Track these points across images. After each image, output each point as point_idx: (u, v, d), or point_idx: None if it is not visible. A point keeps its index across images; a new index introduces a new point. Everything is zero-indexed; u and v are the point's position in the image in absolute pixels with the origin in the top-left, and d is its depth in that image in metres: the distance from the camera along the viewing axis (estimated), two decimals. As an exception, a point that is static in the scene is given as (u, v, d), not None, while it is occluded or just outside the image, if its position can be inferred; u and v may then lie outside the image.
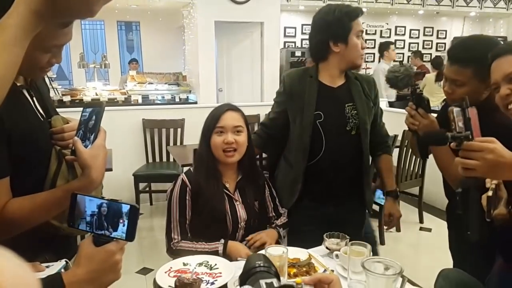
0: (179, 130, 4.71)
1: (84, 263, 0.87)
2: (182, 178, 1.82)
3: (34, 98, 1.16)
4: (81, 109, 1.14)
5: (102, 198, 0.88)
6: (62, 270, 1.08)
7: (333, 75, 1.97)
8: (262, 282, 0.70)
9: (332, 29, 1.88)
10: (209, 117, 1.83)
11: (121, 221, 0.86)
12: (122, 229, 0.86)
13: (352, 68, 2.00)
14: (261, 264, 0.79)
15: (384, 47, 6.37)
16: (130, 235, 0.86)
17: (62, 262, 1.10)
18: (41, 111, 1.17)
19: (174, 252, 1.76)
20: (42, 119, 1.16)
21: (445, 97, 1.66)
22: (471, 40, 1.60)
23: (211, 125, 1.79)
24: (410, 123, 1.64)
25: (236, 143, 1.77)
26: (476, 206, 1.22)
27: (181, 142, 4.69)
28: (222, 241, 1.73)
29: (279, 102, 2.08)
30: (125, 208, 0.86)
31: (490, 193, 1.23)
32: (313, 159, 1.95)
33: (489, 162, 1.11)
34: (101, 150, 1.09)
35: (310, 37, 2.01)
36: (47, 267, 1.07)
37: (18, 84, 1.11)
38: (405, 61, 10.01)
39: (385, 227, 2.20)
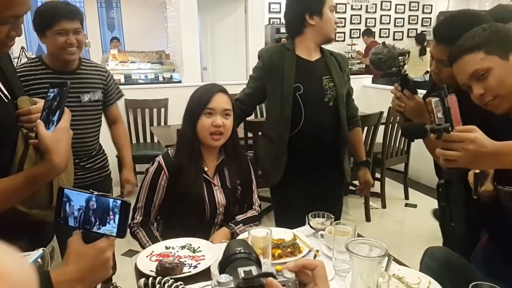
0: (162, 110, 4.62)
1: (74, 261, 0.83)
2: (159, 161, 1.77)
3: None
4: None
5: (91, 192, 0.84)
6: (39, 259, 1.04)
7: (310, 49, 2.05)
8: (240, 270, 0.66)
9: (307, 2, 1.98)
10: (197, 97, 1.76)
11: (111, 216, 0.82)
12: (112, 224, 0.82)
13: (326, 42, 2.07)
14: (241, 250, 0.76)
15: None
16: (121, 231, 0.83)
17: (40, 251, 1.06)
18: (5, 91, 1.10)
19: (131, 234, 1.75)
20: (6, 100, 1.09)
21: (427, 69, 1.63)
22: (456, 18, 1.54)
23: (200, 106, 1.73)
24: (396, 105, 1.61)
25: (224, 126, 1.73)
26: (459, 198, 1.19)
27: (165, 123, 4.60)
28: None
29: (256, 77, 2.12)
30: (116, 203, 0.82)
31: (477, 169, 1.21)
32: (293, 130, 2.02)
33: (470, 153, 1.08)
34: (64, 133, 1.03)
35: (286, 13, 2.10)
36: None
37: None
38: (390, 39, 9.96)
39: (359, 194, 2.38)
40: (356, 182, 3.88)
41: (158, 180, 1.75)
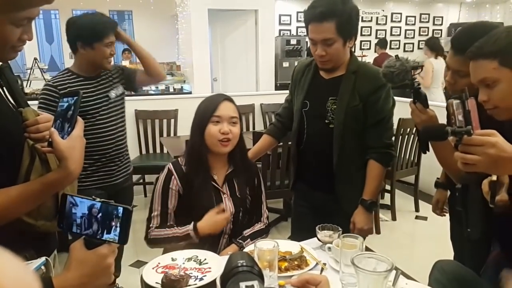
0: (172, 121, 4.65)
1: (76, 267, 0.84)
2: (169, 167, 1.79)
3: (4, 88, 1.11)
4: None
5: (94, 199, 0.85)
6: (42, 267, 1.05)
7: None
8: (242, 285, 0.66)
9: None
10: (204, 106, 1.78)
11: (113, 223, 0.83)
12: (114, 231, 0.83)
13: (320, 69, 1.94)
14: (244, 264, 0.75)
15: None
16: (122, 238, 0.83)
17: (42, 259, 1.07)
18: (12, 101, 1.12)
19: (150, 241, 1.75)
20: (14, 110, 1.11)
21: None
22: (476, 29, 1.51)
23: (207, 114, 1.74)
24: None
25: (231, 133, 1.74)
26: (476, 203, 1.17)
27: (175, 133, 4.63)
28: (192, 224, 1.68)
29: (289, 90, 2.17)
30: (118, 210, 0.83)
31: (494, 177, 1.18)
32: (300, 145, 2.03)
33: (490, 157, 1.05)
34: (78, 141, 1.04)
35: None
36: (27, 265, 1.04)
37: None
38: (400, 51, 9.94)
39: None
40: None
41: (169, 185, 1.75)
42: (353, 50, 2.00)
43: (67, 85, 2.18)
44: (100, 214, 0.83)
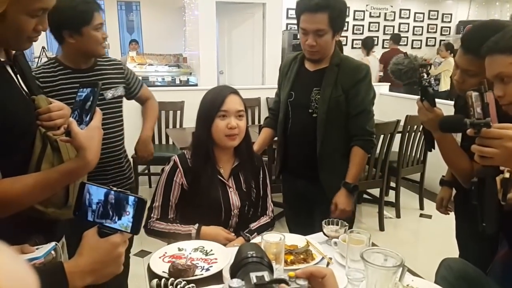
0: (178, 112, 4.65)
1: (87, 253, 0.85)
2: (174, 160, 1.78)
3: (18, 75, 1.11)
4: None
5: (110, 188, 0.86)
6: (52, 252, 1.06)
7: (308, 60, 2.05)
8: (253, 275, 0.66)
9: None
10: (209, 99, 1.76)
11: (127, 213, 0.84)
12: (127, 221, 0.84)
13: (308, 59, 2.05)
14: (253, 255, 0.75)
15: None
16: (135, 228, 0.85)
17: (52, 244, 1.08)
18: (25, 89, 1.12)
19: (148, 231, 1.76)
20: (27, 97, 1.11)
21: None
22: (486, 29, 1.48)
23: (214, 108, 1.72)
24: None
25: (238, 128, 1.73)
26: (493, 197, 1.16)
27: (181, 125, 4.63)
28: (197, 225, 1.70)
29: (277, 84, 2.26)
30: (132, 200, 0.84)
31: (507, 174, 1.18)
32: (285, 134, 2.13)
33: (508, 150, 1.04)
34: (96, 131, 1.06)
35: None
36: (37, 249, 1.05)
37: (2, 60, 1.06)
38: (408, 47, 9.86)
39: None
40: (372, 191, 3.82)
41: (173, 178, 1.75)
42: (359, 45, 2.08)
43: (51, 78, 1.89)
44: (114, 203, 0.85)
